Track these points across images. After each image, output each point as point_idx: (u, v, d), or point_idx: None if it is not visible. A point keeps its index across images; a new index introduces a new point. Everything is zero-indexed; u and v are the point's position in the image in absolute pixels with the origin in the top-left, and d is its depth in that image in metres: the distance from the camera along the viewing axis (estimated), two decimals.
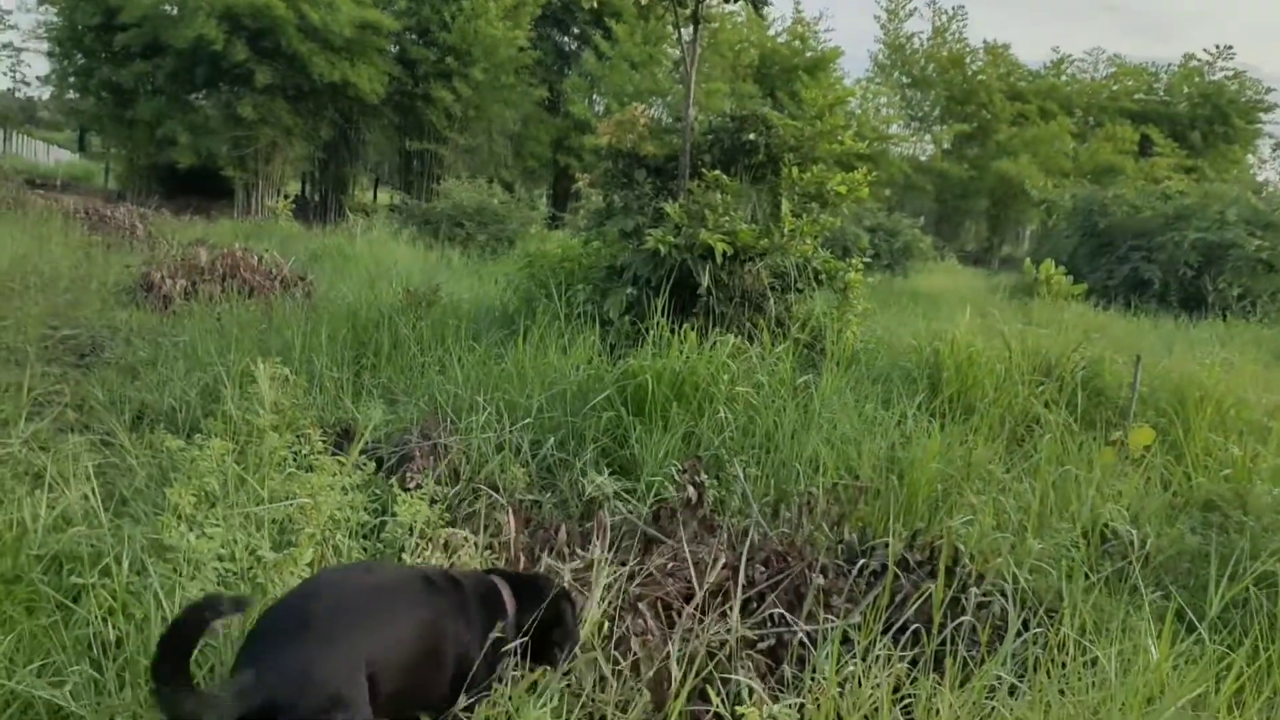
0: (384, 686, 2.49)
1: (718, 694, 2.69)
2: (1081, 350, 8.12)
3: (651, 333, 6.96)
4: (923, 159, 42.69)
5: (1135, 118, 42.54)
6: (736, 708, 2.47)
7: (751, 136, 8.93)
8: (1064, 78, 45.34)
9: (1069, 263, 19.53)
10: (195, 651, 2.17)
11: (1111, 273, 20.10)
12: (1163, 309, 17.23)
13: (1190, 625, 3.90)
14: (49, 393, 6.23)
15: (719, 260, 7.75)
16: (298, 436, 4.89)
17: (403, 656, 2.63)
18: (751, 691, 2.80)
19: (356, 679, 2.40)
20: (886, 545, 4.40)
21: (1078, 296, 15.81)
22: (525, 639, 2.97)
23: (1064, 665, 3.31)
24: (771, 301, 8.11)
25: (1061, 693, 3.04)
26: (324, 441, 4.83)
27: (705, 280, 7.76)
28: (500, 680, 2.94)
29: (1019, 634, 3.59)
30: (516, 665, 2.97)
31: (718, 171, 8.61)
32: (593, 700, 2.96)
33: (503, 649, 2.93)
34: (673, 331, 6.81)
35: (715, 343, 6.73)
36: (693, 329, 6.91)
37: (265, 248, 13.38)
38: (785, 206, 8.41)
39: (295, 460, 4.62)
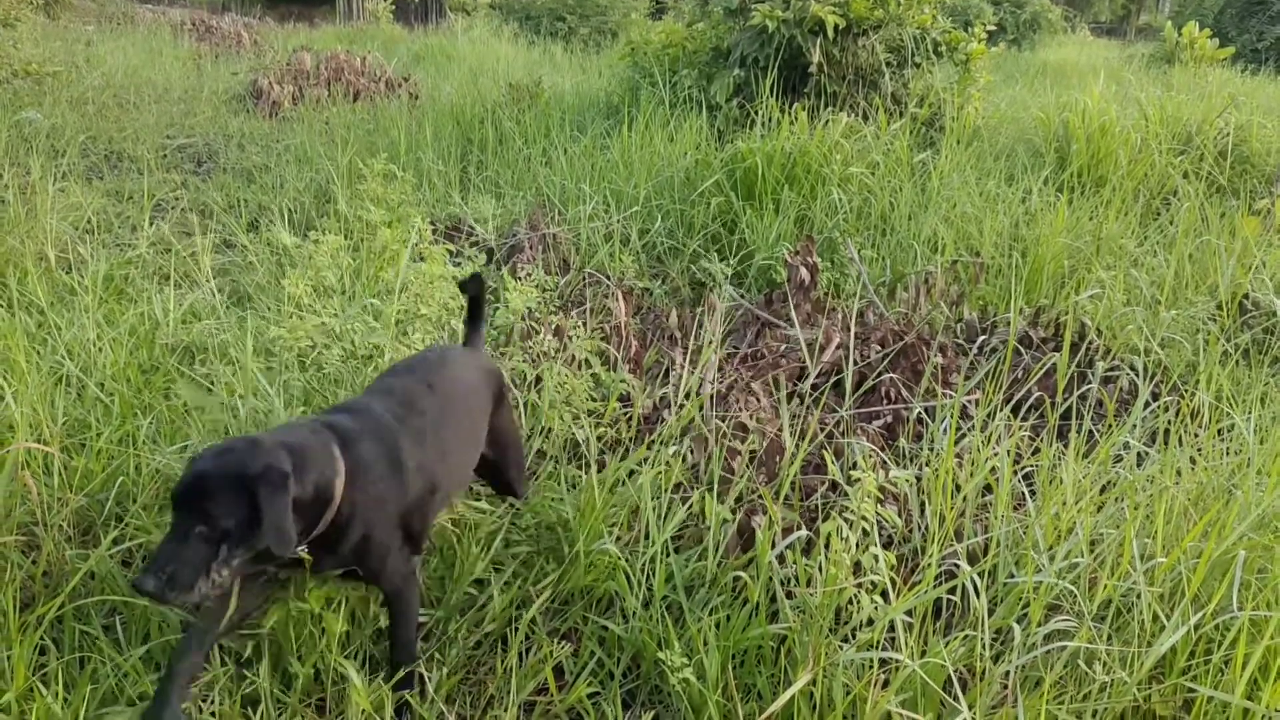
0: None
1: (832, 463, 2.68)
2: (1226, 116, 7.52)
3: (760, 115, 6.70)
4: None
5: None
6: (850, 472, 2.45)
7: None
8: None
9: (1215, 25, 18.00)
10: None
11: (1262, 34, 18.46)
12: None
13: None
14: (170, 198, 6.39)
15: (830, 35, 7.33)
16: (410, 230, 4.93)
17: None
18: (868, 458, 2.77)
19: None
20: (1009, 323, 4.26)
21: (1223, 61, 14.53)
22: None
23: (1196, 434, 3.18)
24: (887, 77, 7.67)
25: (1193, 460, 2.93)
26: (435, 235, 4.86)
27: (816, 57, 7.37)
28: None
29: (1147, 405, 3.46)
30: None
31: None
32: (701, 472, 2.99)
33: None
34: (782, 113, 6.54)
35: (827, 122, 6.44)
36: (803, 109, 6.62)
37: (368, 51, 13.22)
38: None
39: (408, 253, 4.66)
